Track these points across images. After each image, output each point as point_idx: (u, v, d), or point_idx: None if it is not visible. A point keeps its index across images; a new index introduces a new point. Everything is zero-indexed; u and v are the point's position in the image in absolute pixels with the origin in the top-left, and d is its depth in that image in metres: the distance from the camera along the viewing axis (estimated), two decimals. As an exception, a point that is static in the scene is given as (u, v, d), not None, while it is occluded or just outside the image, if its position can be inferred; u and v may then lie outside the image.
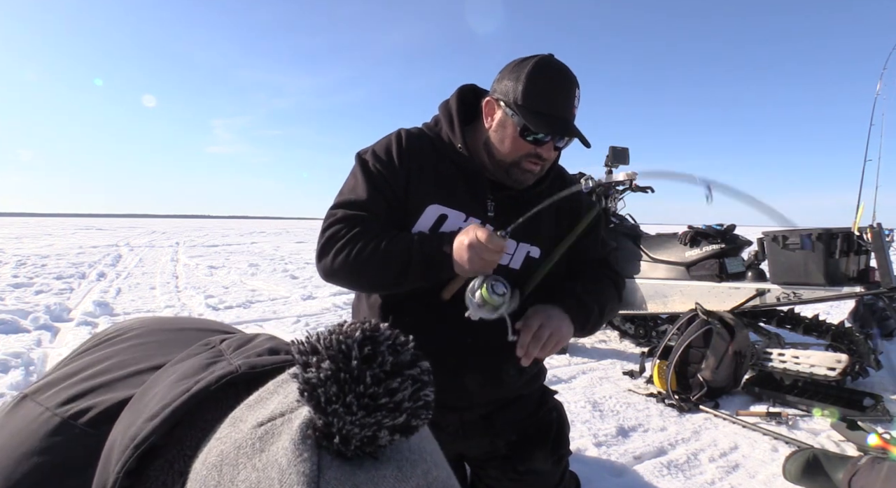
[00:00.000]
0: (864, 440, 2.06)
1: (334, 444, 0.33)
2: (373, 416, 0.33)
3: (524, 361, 1.07)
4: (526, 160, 1.15)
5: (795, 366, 2.70)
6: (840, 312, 4.69)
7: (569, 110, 1.12)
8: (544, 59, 1.13)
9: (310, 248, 13.61)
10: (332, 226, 1.14)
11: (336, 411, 0.32)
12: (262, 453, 0.34)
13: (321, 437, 0.33)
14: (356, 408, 0.32)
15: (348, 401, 0.32)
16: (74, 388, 0.52)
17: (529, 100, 1.09)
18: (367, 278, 1.12)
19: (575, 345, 3.75)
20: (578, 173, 3.88)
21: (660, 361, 2.78)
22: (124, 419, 0.46)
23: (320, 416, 0.33)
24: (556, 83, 1.11)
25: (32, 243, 13.60)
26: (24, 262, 8.54)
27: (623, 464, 2.04)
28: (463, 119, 1.21)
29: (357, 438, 0.33)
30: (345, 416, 0.32)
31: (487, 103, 1.18)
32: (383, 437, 0.33)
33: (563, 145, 1.18)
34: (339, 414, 0.32)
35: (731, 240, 3.17)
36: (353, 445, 0.33)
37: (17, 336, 3.73)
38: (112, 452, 0.43)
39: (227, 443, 0.37)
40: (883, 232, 2.65)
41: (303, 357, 0.34)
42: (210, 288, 6.35)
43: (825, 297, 2.71)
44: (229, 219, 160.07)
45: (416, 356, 0.36)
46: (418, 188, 1.17)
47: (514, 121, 1.12)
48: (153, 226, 33.55)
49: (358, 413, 0.32)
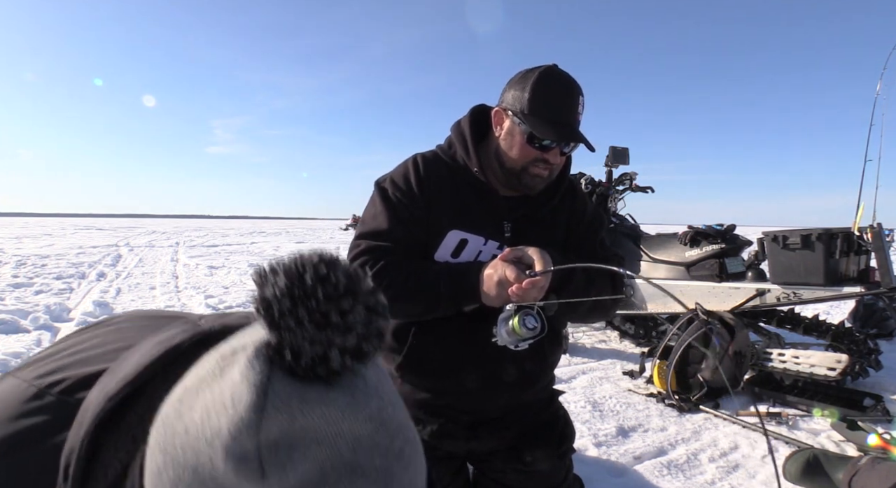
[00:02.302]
0: (864, 440, 2.06)
1: (286, 360, 0.33)
2: (323, 332, 0.34)
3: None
4: (534, 166, 1.18)
5: (795, 365, 2.70)
6: (840, 312, 4.69)
7: (573, 116, 1.16)
8: (549, 69, 1.17)
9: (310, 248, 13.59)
10: (358, 257, 1.17)
11: (288, 325, 0.33)
12: (220, 378, 0.35)
13: (274, 354, 0.34)
14: (307, 323, 0.33)
15: (300, 316, 0.33)
16: (52, 365, 0.53)
17: (535, 108, 1.14)
18: (398, 311, 1.16)
19: (575, 345, 3.75)
20: (579, 173, 3.89)
21: (660, 361, 2.78)
22: (101, 383, 0.46)
23: (273, 332, 0.34)
24: (559, 91, 1.16)
25: (32, 243, 13.60)
26: (23, 262, 8.54)
27: (623, 464, 2.04)
28: (476, 138, 1.25)
29: (308, 355, 0.33)
30: (296, 330, 0.33)
31: (496, 113, 1.22)
32: (334, 358, 0.34)
33: (569, 150, 1.21)
34: (291, 328, 0.33)
35: (731, 240, 3.17)
36: (303, 361, 0.33)
37: (17, 336, 3.73)
38: (87, 413, 0.44)
39: (191, 379, 0.37)
40: (883, 232, 2.64)
41: (260, 277, 0.35)
42: (210, 288, 6.35)
43: (825, 297, 2.71)
44: (229, 219, 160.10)
45: (373, 287, 0.37)
46: (438, 214, 1.21)
47: (521, 128, 1.16)
48: (153, 226, 33.54)
49: (309, 327, 0.33)
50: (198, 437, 0.33)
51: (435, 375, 1.24)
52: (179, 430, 0.34)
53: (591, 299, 1.19)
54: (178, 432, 0.34)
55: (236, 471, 0.32)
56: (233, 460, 0.32)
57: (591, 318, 1.27)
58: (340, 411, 0.34)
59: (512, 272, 1.03)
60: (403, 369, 1.25)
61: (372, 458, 0.34)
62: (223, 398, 0.33)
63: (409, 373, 1.25)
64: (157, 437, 0.36)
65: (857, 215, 2.92)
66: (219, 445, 0.32)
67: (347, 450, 0.33)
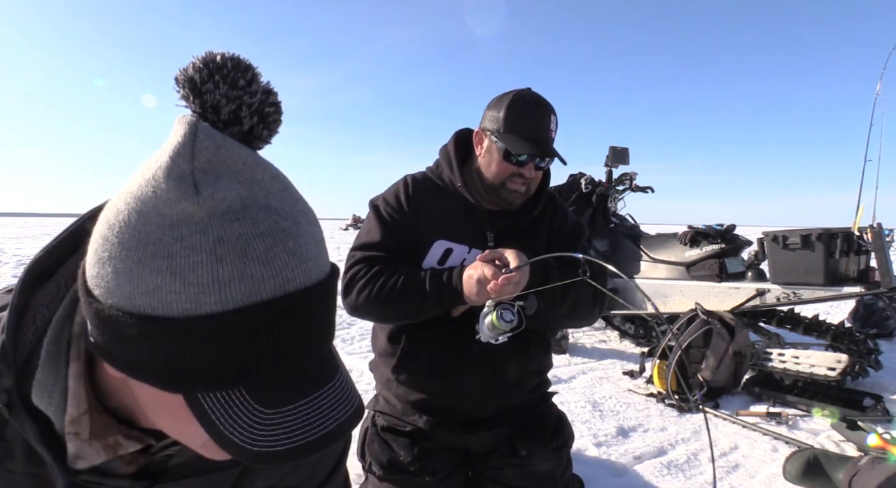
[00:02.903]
0: (864, 440, 2.06)
1: (209, 117, 0.42)
2: (234, 91, 0.42)
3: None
4: (511, 181, 1.28)
5: (795, 365, 2.70)
6: (840, 312, 4.69)
7: (546, 134, 1.27)
8: (521, 92, 1.29)
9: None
10: (354, 266, 1.28)
11: (208, 89, 0.41)
12: (149, 159, 0.42)
13: (198, 118, 0.41)
14: (222, 85, 0.41)
15: (216, 80, 0.41)
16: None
17: (510, 127, 1.25)
18: (388, 312, 1.25)
19: (575, 345, 3.75)
20: (579, 173, 3.89)
21: (660, 361, 2.78)
22: None
23: (196, 97, 0.41)
24: (532, 111, 1.27)
25: (32, 243, 13.60)
26: (24, 262, 8.54)
27: (623, 464, 2.04)
28: (461, 159, 1.37)
29: (225, 110, 0.42)
30: (214, 91, 0.41)
31: (476, 134, 1.34)
32: (245, 117, 0.42)
33: (544, 165, 1.31)
34: (210, 90, 0.41)
35: (731, 240, 3.17)
36: (222, 115, 0.42)
37: (17, 336, 3.73)
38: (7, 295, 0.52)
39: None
40: (883, 232, 2.64)
41: (182, 69, 0.42)
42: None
43: (825, 297, 2.71)
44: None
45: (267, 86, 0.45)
46: (426, 227, 1.31)
47: (497, 146, 1.27)
48: (153, 226, 33.43)
49: (223, 88, 0.41)
50: (139, 185, 0.40)
51: (426, 377, 1.31)
52: (121, 198, 0.40)
53: (561, 295, 1.23)
54: (120, 200, 0.40)
55: (176, 190, 0.38)
56: (173, 181, 0.38)
57: (573, 320, 1.33)
58: (254, 159, 0.42)
59: (489, 270, 1.11)
60: (398, 371, 1.32)
61: (282, 203, 0.42)
62: (162, 149, 0.40)
63: (402, 375, 1.32)
64: (97, 227, 0.42)
65: (857, 215, 2.92)
66: (161, 175, 0.39)
67: (262, 194, 0.41)
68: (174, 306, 0.38)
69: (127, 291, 0.39)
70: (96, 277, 0.41)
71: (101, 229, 0.41)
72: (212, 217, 0.38)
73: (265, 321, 0.39)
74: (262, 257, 0.39)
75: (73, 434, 0.50)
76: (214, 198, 0.38)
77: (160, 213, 0.38)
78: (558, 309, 1.24)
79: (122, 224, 0.39)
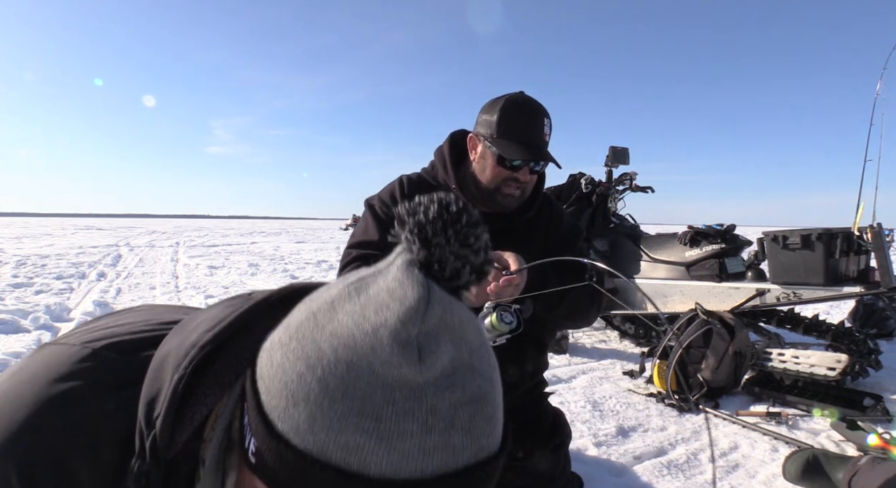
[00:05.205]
0: (864, 440, 2.06)
1: (432, 271, 0.40)
2: (464, 249, 0.40)
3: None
4: (506, 186, 1.28)
5: (795, 366, 2.70)
6: (840, 312, 4.69)
7: (539, 137, 1.26)
8: (514, 95, 1.28)
9: (310, 248, 13.60)
10: (349, 264, 1.29)
11: (438, 243, 0.40)
12: (361, 293, 0.40)
13: (421, 268, 0.40)
14: (454, 241, 0.40)
15: (448, 235, 0.40)
16: (98, 333, 0.54)
17: (503, 131, 1.24)
18: None
19: (575, 345, 3.75)
20: (578, 173, 3.89)
21: (660, 361, 2.78)
22: (169, 342, 0.49)
23: (424, 248, 0.40)
24: (525, 115, 1.25)
25: (32, 243, 13.61)
26: (24, 262, 8.54)
27: (623, 464, 2.04)
28: (456, 160, 1.36)
29: (451, 267, 0.40)
30: (444, 247, 0.40)
31: (470, 139, 1.33)
32: (465, 275, 0.41)
33: (538, 169, 1.30)
34: (441, 244, 0.40)
35: (731, 240, 3.17)
36: (447, 273, 0.40)
37: (18, 336, 3.73)
38: (165, 364, 0.47)
39: (315, 303, 0.42)
40: (883, 232, 2.64)
41: (410, 207, 0.41)
42: (210, 288, 6.35)
43: (825, 297, 2.71)
44: (229, 219, 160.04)
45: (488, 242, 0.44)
46: None
47: (491, 151, 1.26)
48: (153, 226, 33.54)
49: (454, 245, 0.40)
50: (352, 335, 0.38)
51: None
52: (324, 336, 0.38)
53: (558, 298, 1.23)
54: (323, 338, 0.38)
55: (401, 355, 0.37)
56: (398, 345, 0.37)
57: (570, 323, 1.34)
58: (467, 316, 0.41)
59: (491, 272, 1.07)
60: None
61: (482, 363, 0.41)
62: (382, 298, 0.39)
63: None
64: (286, 353, 0.40)
65: (857, 215, 2.92)
66: (384, 333, 0.37)
67: (467, 353, 0.40)
68: (371, 467, 0.36)
69: (321, 439, 0.37)
70: (281, 411, 0.38)
71: (298, 366, 0.38)
72: (427, 384, 0.37)
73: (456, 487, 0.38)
74: (466, 427, 0.38)
75: None
76: (434, 366, 0.38)
77: (374, 371, 0.37)
78: (555, 312, 1.24)
79: (327, 369, 0.37)
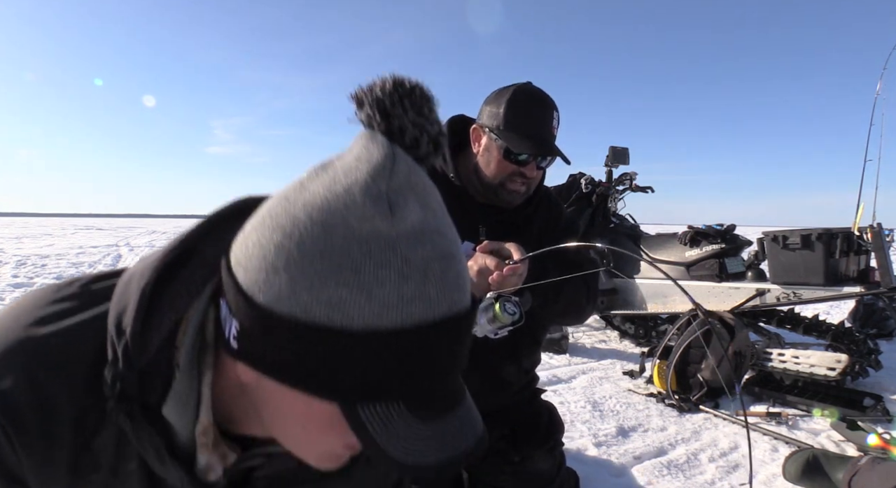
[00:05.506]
0: (864, 440, 2.06)
1: (394, 138, 0.42)
2: (420, 118, 0.43)
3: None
4: (511, 181, 1.22)
5: (795, 365, 2.70)
6: (840, 312, 4.69)
7: (547, 131, 1.20)
8: (522, 86, 1.22)
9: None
10: None
11: (397, 113, 0.42)
12: (328, 168, 0.42)
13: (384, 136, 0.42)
14: (410, 110, 0.42)
15: (405, 105, 0.42)
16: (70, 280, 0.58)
17: (510, 124, 1.18)
18: None
19: (575, 345, 3.75)
20: (578, 173, 3.89)
21: (660, 361, 2.78)
22: (135, 266, 0.52)
23: (384, 118, 0.42)
24: (533, 107, 1.20)
25: (32, 243, 13.60)
26: (24, 262, 8.53)
27: (623, 464, 2.04)
28: (454, 149, 1.30)
29: (410, 134, 0.43)
30: (403, 116, 0.42)
31: (474, 131, 1.26)
32: (423, 144, 0.44)
33: (545, 164, 1.25)
34: (399, 115, 0.42)
35: (731, 240, 3.17)
36: (406, 140, 0.43)
37: (17, 336, 3.73)
38: (131, 280, 0.49)
39: (283, 190, 0.43)
40: (883, 232, 2.64)
41: (366, 87, 0.43)
42: (210, 288, 6.35)
43: (825, 297, 2.71)
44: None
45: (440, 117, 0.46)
46: None
47: (497, 144, 1.20)
48: (153, 226, 33.50)
49: (411, 113, 0.43)
50: (325, 198, 0.40)
51: None
52: (297, 207, 0.40)
53: (555, 292, 1.20)
54: (296, 209, 0.40)
55: (373, 207, 0.39)
56: (370, 198, 0.39)
57: (564, 318, 1.30)
58: (431, 185, 0.44)
59: (492, 261, 1.04)
60: None
61: (448, 229, 0.43)
62: (350, 163, 0.41)
63: None
64: (261, 231, 0.41)
65: (857, 215, 2.92)
66: (356, 190, 0.39)
67: (434, 219, 0.42)
68: (355, 320, 0.38)
69: (304, 301, 0.39)
70: (262, 283, 0.40)
71: (274, 237, 0.40)
72: (400, 237, 0.39)
73: (434, 339, 0.41)
74: (439, 279, 0.40)
75: (202, 444, 0.49)
76: (405, 219, 0.40)
77: (349, 227, 0.39)
78: (552, 307, 1.22)
79: (304, 233, 0.39)
